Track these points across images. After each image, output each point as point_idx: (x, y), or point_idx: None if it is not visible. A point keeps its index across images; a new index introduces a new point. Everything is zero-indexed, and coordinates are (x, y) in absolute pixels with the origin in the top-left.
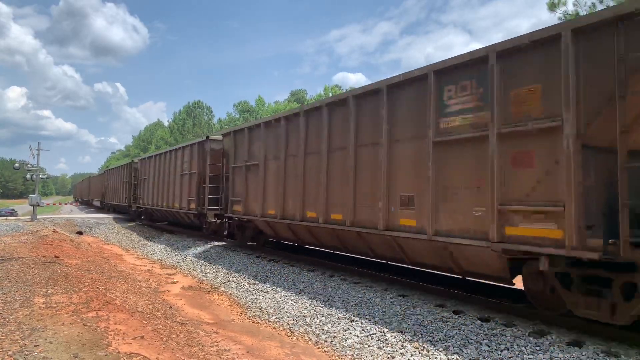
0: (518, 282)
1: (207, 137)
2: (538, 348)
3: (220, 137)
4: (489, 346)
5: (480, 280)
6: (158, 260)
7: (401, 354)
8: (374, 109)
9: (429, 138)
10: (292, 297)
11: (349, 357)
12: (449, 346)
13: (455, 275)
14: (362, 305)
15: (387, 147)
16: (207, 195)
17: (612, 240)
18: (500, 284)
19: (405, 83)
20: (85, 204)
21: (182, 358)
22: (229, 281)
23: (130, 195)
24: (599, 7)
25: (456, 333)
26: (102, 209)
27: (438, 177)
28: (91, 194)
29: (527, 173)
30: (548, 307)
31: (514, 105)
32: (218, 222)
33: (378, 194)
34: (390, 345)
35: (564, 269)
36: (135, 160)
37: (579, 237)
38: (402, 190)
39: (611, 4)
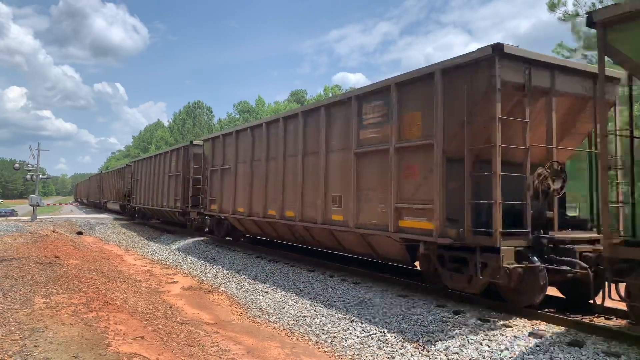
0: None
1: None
2: (538, 348)
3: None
4: (489, 346)
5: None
6: (158, 260)
7: (401, 354)
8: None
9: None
10: (292, 298)
11: (349, 357)
12: (449, 346)
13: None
14: (362, 306)
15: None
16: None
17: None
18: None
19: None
20: (94, 206)
21: (183, 358)
22: (229, 281)
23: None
24: (599, 7)
25: (456, 333)
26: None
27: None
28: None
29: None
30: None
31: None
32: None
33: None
34: (390, 345)
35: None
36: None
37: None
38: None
39: (611, 4)
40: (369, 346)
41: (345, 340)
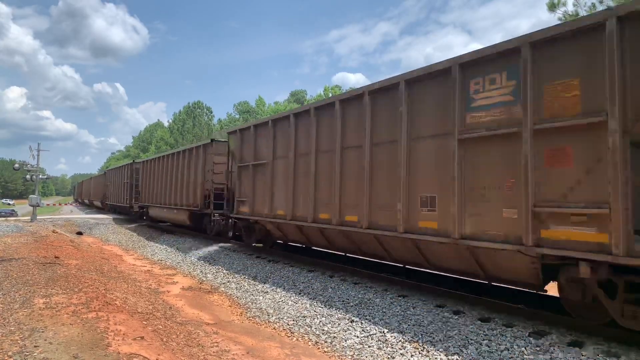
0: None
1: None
2: (538, 348)
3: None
4: (489, 346)
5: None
6: (158, 260)
7: (401, 354)
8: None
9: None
10: (292, 298)
11: (349, 357)
12: (449, 346)
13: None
14: (362, 306)
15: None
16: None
17: None
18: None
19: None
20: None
21: (182, 359)
22: (229, 282)
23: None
24: (599, 8)
25: (456, 333)
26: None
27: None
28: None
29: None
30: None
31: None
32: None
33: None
34: (390, 345)
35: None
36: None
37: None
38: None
39: (611, 4)
40: (369, 346)
41: (345, 341)
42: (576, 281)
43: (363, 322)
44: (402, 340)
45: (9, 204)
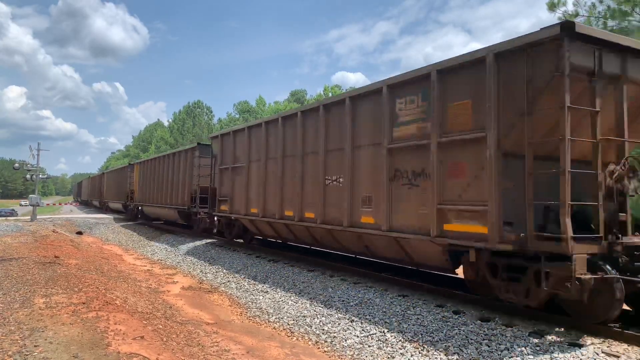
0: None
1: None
2: (538, 348)
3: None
4: (489, 346)
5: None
6: (158, 260)
7: (401, 354)
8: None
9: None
10: (292, 298)
11: (349, 357)
12: (449, 346)
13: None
14: (362, 306)
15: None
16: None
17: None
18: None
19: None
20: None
21: (182, 358)
22: (228, 281)
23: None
24: (599, 8)
25: (456, 333)
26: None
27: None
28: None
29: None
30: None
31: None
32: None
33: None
34: (390, 345)
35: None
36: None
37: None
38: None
39: (611, 4)
40: (369, 346)
41: (345, 340)
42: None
43: (363, 321)
44: (402, 340)
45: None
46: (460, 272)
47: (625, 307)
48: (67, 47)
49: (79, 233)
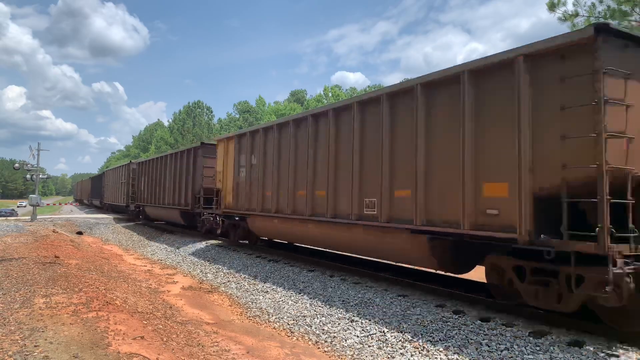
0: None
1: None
2: (538, 348)
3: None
4: (489, 346)
5: (482, 281)
6: (158, 260)
7: (401, 354)
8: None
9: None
10: (292, 297)
11: (349, 357)
12: (449, 346)
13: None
14: (362, 306)
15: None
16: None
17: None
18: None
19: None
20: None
21: (182, 358)
22: (229, 281)
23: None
24: (599, 8)
25: (456, 333)
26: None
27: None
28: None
29: None
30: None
31: None
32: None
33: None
34: (390, 345)
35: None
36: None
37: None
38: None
39: (612, 4)
40: (369, 346)
41: (345, 340)
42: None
43: (363, 321)
44: (402, 339)
45: (24, 207)
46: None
47: None
48: (67, 47)
49: (79, 233)
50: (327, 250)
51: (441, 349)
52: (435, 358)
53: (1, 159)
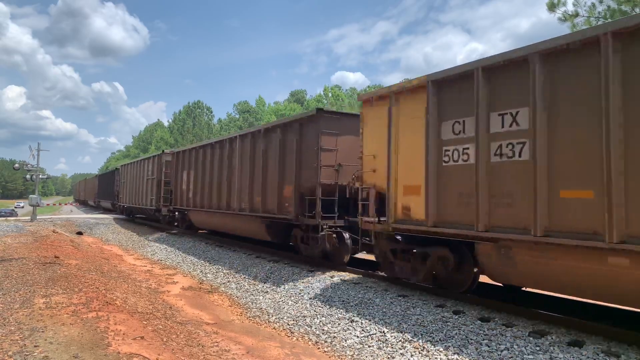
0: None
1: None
2: (538, 348)
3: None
4: (489, 346)
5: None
6: (158, 260)
7: (401, 354)
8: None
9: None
10: (292, 298)
11: (349, 357)
12: (449, 346)
13: None
14: (362, 306)
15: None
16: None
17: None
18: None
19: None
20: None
21: (182, 358)
22: (229, 281)
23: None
24: (599, 8)
25: (456, 333)
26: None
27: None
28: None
29: None
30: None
31: None
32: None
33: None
34: (390, 345)
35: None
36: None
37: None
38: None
39: (612, 4)
40: (369, 346)
41: (345, 340)
42: None
43: (363, 321)
44: (402, 340)
45: (21, 207)
46: None
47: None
48: (67, 47)
49: (79, 233)
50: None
51: (441, 349)
52: (435, 358)
53: (1, 159)
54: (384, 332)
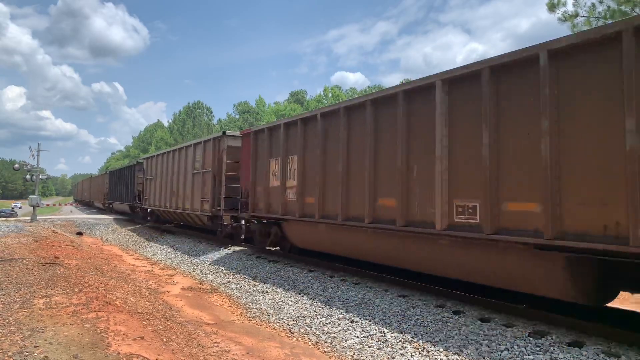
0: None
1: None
2: (538, 348)
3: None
4: (489, 346)
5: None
6: (158, 261)
7: (401, 354)
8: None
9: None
10: (292, 298)
11: (349, 357)
12: (449, 346)
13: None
14: (362, 306)
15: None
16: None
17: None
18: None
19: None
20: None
21: (182, 359)
22: (229, 282)
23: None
24: (599, 8)
25: (456, 333)
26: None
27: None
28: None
29: None
30: None
31: None
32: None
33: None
34: (390, 345)
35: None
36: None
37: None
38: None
39: (611, 4)
40: (369, 346)
41: (345, 341)
42: None
43: (363, 322)
44: (402, 340)
45: (19, 208)
46: None
47: None
48: (67, 47)
49: (79, 234)
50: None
51: (441, 349)
52: (436, 358)
53: (1, 159)
54: (384, 332)
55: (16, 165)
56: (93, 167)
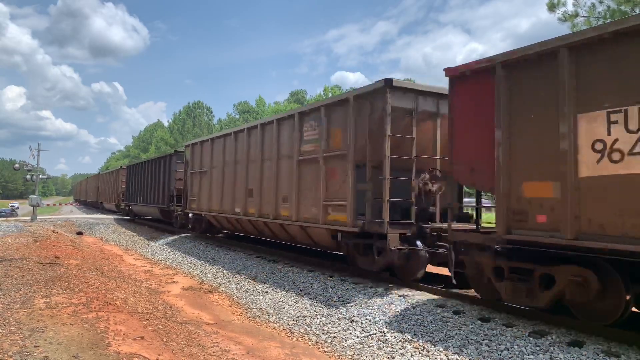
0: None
1: (175, 151)
2: (538, 348)
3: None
4: (489, 346)
5: None
6: (158, 260)
7: (401, 354)
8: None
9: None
10: (292, 298)
11: (349, 357)
12: (449, 346)
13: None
14: (362, 306)
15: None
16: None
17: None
18: None
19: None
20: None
21: (183, 358)
22: (229, 282)
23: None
24: (599, 8)
25: (456, 333)
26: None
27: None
28: None
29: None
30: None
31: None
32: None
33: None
34: (390, 345)
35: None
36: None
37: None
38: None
39: (611, 4)
40: (369, 346)
41: (345, 341)
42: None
43: (363, 321)
44: (402, 340)
45: (17, 208)
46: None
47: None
48: (67, 47)
49: (79, 233)
50: None
51: (441, 349)
52: (435, 358)
53: (1, 159)
54: (384, 332)
55: (16, 165)
56: (93, 167)
